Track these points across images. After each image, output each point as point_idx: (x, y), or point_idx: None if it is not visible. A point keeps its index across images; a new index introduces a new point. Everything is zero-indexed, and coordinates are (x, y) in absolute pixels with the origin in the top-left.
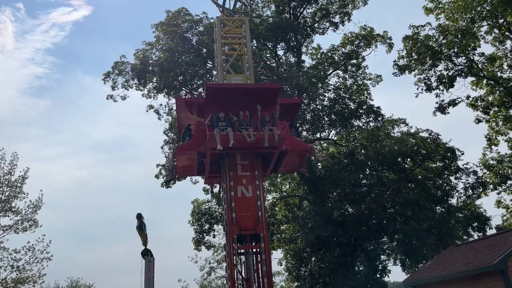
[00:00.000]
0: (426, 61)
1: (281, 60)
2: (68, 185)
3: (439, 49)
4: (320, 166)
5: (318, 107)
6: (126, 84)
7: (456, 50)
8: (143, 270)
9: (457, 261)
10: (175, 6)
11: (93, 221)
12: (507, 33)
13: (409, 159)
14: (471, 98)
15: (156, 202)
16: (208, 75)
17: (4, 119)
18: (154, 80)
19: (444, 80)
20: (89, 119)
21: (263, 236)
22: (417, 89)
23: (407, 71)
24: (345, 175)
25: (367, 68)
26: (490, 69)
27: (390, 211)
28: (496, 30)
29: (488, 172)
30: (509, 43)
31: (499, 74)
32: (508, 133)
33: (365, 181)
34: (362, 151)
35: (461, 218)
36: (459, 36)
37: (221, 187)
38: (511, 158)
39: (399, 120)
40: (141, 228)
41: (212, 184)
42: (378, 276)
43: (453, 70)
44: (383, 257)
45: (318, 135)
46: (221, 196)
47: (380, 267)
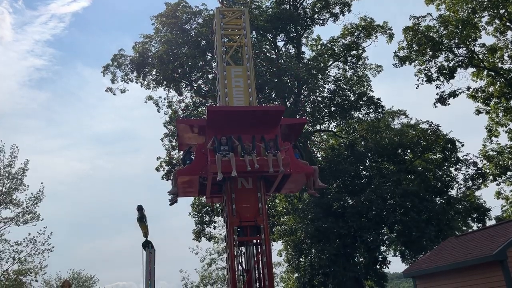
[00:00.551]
0: (427, 52)
1: (281, 52)
2: (69, 178)
3: (440, 40)
4: (320, 158)
5: (318, 99)
6: (126, 77)
7: (457, 41)
8: (144, 262)
9: (457, 252)
10: None
11: (94, 213)
12: (508, 24)
13: (409, 151)
14: (472, 89)
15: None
16: (208, 67)
17: (4, 112)
18: (154, 73)
19: (445, 71)
20: (89, 111)
21: (263, 228)
22: (418, 81)
23: (408, 62)
24: (345, 167)
25: (367, 59)
26: (491, 60)
27: (390, 203)
28: (497, 21)
29: (488, 163)
30: (510, 34)
31: (500, 65)
32: (508, 124)
33: (365, 173)
34: (362, 143)
35: (461, 209)
36: (460, 27)
37: (223, 207)
38: (511, 149)
39: (399, 112)
40: (142, 220)
41: (213, 203)
42: (378, 267)
43: (454, 61)
44: (383, 248)
45: (318, 127)
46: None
47: (380, 258)
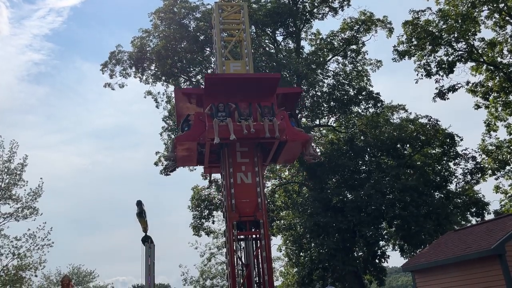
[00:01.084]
0: (426, 47)
1: (280, 46)
2: (69, 173)
3: (439, 34)
4: (319, 153)
5: (318, 94)
6: (124, 72)
7: (456, 35)
8: (144, 257)
9: (455, 246)
10: None
11: (94, 209)
12: (508, 18)
13: (408, 145)
14: (471, 84)
15: (156, 189)
16: (206, 62)
17: (3, 107)
18: (152, 68)
19: (444, 66)
20: (88, 106)
21: (263, 222)
22: (417, 75)
23: (407, 57)
24: (344, 162)
25: (367, 54)
26: (490, 55)
27: (389, 197)
28: (497, 15)
29: (487, 158)
30: (510, 28)
31: (499, 60)
32: (507, 119)
33: (364, 167)
34: (361, 138)
35: (460, 204)
36: (459, 21)
37: (221, 176)
38: (510, 144)
39: (399, 106)
40: (141, 215)
41: (211, 173)
42: (377, 261)
43: (453, 56)
44: (382, 243)
45: (318, 122)
46: (221, 184)
47: (379, 253)
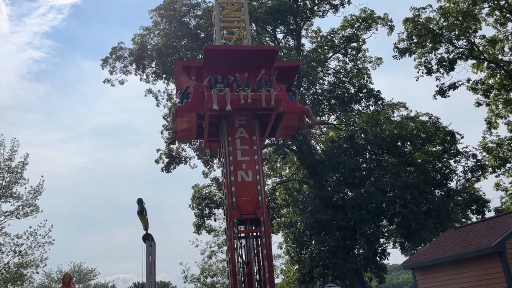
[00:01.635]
0: (427, 44)
1: (281, 44)
2: (69, 171)
3: (440, 32)
4: (320, 150)
5: (318, 91)
6: (125, 69)
7: (457, 33)
8: (145, 254)
9: (456, 244)
10: None
11: (95, 207)
12: (508, 15)
13: (409, 143)
14: (472, 81)
15: (157, 187)
16: None
17: (4, 105)
18: (153, 65)
19: (445, 63)
20: (89, 104)
21: (263, 220)
22: (418, 73)
23: (408, 54)
24: (345, 159)
25: (368, 51)
26: (491, 52)
27: (390, 195)
28: (497, 12)
29: (488, 155)
30: (510, 25)
31: (500, 57)
32: (508, 116)
33: (365, 165)
34: (362, 135)
35: (460, 201)
36: (460, 19)
37: (220, 153)
38: (511, 141)
39: (399, 104)
40: (142, 213)
41: (211, 149)
42: (377, 259)
43: (454, 53)
44: (382, 240)
45: (318, 119)
46: (221, 181)
47: (379, 250)
